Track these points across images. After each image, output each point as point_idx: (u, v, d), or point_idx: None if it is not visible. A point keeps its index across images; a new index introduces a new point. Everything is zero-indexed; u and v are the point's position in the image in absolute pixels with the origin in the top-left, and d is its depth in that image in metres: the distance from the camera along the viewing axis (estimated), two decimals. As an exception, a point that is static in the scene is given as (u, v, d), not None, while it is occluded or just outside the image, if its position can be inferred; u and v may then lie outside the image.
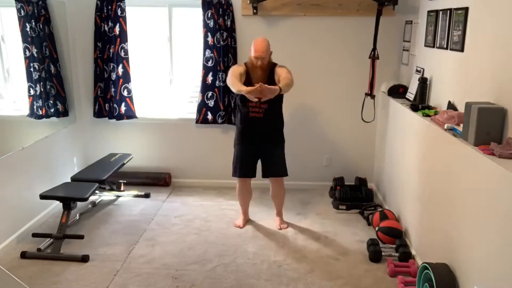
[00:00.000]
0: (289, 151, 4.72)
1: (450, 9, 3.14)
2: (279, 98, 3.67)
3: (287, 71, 3.64)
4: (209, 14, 4.39)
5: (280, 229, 3.90)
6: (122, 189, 4.59)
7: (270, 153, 3.79)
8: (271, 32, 4.48)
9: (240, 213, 4.04)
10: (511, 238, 1.97)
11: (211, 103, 4.60)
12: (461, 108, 2.84)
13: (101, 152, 4.81)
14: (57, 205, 4.16)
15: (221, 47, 4.44)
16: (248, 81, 3.62)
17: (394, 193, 3.97)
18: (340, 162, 4.77)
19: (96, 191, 4.12)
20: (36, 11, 3.92)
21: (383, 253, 3.35)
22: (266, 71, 3.64)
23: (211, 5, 4.36)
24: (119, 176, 4.71)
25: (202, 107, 4.62)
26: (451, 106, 3.07)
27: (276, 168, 3.82)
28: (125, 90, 4.63)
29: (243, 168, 3.80)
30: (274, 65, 3.70)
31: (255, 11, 4.39)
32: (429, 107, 3.39)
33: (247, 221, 4.05)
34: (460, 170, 2.54)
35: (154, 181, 4.83)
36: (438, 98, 3.39)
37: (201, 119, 4.65)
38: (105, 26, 4.49)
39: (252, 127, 3.71)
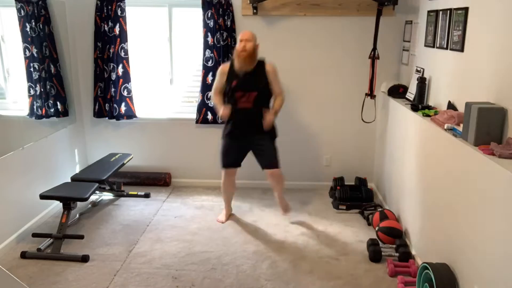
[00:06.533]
0: (289, 151, 4.74)
1: (450, 9, 3.14)
2: (268, 90, 3.72)
3: (280, 85, 3.74)
4: (209, 14, 4.39)
5: (286, 212, 4.01)
6: (122, 189, 4.60)
7: (262, 144, 3.77)
8: (271, 32, 4.48)
9: (223, 207, 4.11)
10: (511, 237, 1.97)
11: (211, 103, 4.60)
12: (461, 108, 2.84)
13: (101, 152, 4.81)
14: (57, 205, 4.16)
15: (221, 47, 4.44)
16: (233, 77, 3.66)
17: (394, 193, 3.97)
18: (340, 162, 4.77)
19: (96, 191, 4.12)
20: (36, 11, 3.92)
21: (383, 253, 3.35)
22: (253, 64, 3.63)
23: (211, 5, 4.36)
24: (119, 176, 4.72)
25: (202, 107, 4.62)
26: (451, 106, 3.07)
27: (267, 157, 3.80)
28: (125, 90, 4.63)
29: (228, 159, 3.84)
30: (262, 62, 3.70)
31: (255, 11, 4.39)
32: (429, 107, 3.39)
33: (230, 215, 4.11)
34: (460, 170, 2.54)
35: (154, 181, 4.84)
36: (438, 98, 3.39)
37: (201, 119, 4.66)
38: (105, 26, 4.49)
39: (242, 117, 3.71)
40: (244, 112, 3.68)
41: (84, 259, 3.32)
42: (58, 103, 4.28)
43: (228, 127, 3.78)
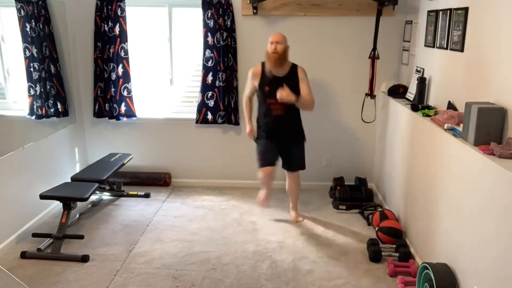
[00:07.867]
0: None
1: (450, 9, 3.14)
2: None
3: (310, 89, 3.70)
4: (209, 14, 4.39)
5: (297, 222, 3.99)
6: (122, 189, 4.60)
7: (291, 150, 3.86)
8: (271, 32, 4.45)
9: (264, 190, 4.04)
10: (511, 237, 1.97)
11: (211, 103, 4.60)
12: (461, 108, 2.84)
13: (101, 152, 4.81)
14: (57, 205, 4.16)
15: (221, 47, 4.44)
16: (265, 81, 3.71)
17: (394, 193, 3.97)
18: (340, 162, 4.77)
19: (96, 191, 4.12)
20: (36, 11, 3.92)
21: (383, 253, 3.35)
22: (285, 67, 3.69)
23: (211, 5, 4.36)
24: (119, 176, 4.72)
25: (202, 107, 4.62)
26: (451, 106, 3.07)
27: (294, 162, 3.89)
28: (125, 90, 4.63)
29: (265, 159, 3.86)
30: (295, 66, 3.75)
31: (255, 11, 4.39)
32: (429, 107, 3.39)
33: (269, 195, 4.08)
34: (460, 170, 2.54)
35: (154, 181, 4.83)
36: (438, 98, 3.39)
37: (201, 119, 4.66)
38: (105, 26, 4.49)
39: (274, 124, 3.76)
40: (276, 119, 3.74)
41: (84, 259, 3.32)
42: (58, 103, 4.28)
43: (261, 132, 3.85)
